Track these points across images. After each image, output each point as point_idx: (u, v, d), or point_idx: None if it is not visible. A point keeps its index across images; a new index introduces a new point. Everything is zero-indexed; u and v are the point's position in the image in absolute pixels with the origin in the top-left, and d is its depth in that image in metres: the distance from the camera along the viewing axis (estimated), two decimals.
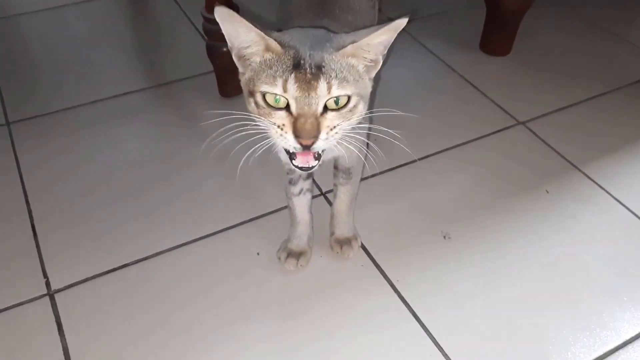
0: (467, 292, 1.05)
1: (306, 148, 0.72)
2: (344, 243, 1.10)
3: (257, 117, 0.75)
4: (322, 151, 0.76)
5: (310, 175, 1.04)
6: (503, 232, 1.16)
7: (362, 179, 1.17)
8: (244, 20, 0.70)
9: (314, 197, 1.10)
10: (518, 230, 1.16)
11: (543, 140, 1.36)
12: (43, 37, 1.69)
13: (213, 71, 1.45)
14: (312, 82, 0.69)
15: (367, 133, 0.96)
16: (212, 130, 1.36)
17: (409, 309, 1.02)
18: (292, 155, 0.76)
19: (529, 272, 1.08)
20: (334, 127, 0.73)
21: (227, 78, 1.43)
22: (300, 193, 1.03)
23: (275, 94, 0.71)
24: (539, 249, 1.12)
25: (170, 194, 1.22)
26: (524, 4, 1.51)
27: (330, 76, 0.70)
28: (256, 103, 0.74)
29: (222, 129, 0.84)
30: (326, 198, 1.21)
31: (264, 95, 0.72)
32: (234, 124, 0.81)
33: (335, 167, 1.03)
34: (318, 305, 1.03)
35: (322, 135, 0.72)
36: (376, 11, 1.08)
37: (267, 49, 0.72)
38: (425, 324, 1.00)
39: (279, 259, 1.08)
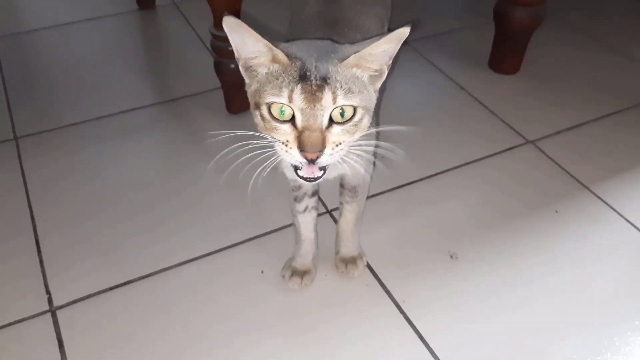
0: (474, 314, 1.03)
1: (311, 162, 0.72)
2: (349, 262, 1.08)
3: (263, 134, 0.74)
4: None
5: (315, 193, 1.03)
6: (511, 253, 1.14)
7: (369, 197, 1.16)
8: (251, 31, 0.70)
9: (319, 214, 1.09)
10: (527, 250, 1.14)
11: (552, 160, 1.34)
12: (52, 53, 1.71)
13: (221, 87, 1.45)
14: (318, 93, 0.69)
15: (374, 151, 0.95)
16: (218, 147, 1.37)
17: (414, 330, 1.00)
18: (297, 166, 0.75)
19: (538, 294, 1.06)
20: (340, 143, 0.72)
21: (234, 95, 1.43)
22: (305, 210, 1.02)
23: (282, 104, 0.70)
24: (549, 270, 1.10)
25: (175, 211, 1.22)
26: (533, 23, 1.51)
27: (336, 87, 0.70)
28: (262, 116, 0.73)
29: (229, 149, 0.84)
30: (332, 216, 1.20)
31: (269, 107, 0.72)
32: (240, 143, 0.79)
33: (341, 185, 1.02)
34: (322, 324, 1.01)
35: (327, 150, 0.71)
36: (385, 30, 1.08)
37: (274, 59, 0.72)
38: (431, 345, 0.97)
39: (283, 277, 1.07)
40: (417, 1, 1.97)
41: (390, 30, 0.71)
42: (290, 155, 0.72)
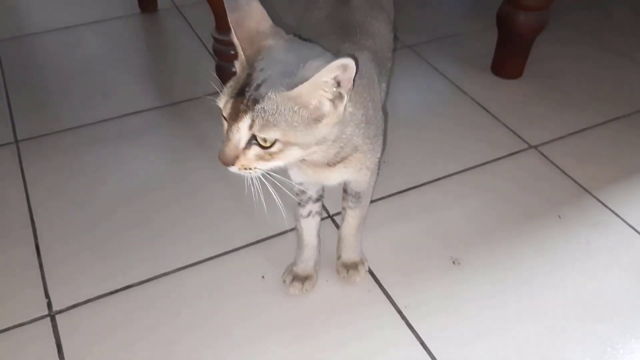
0: (476, 320, 1.02)
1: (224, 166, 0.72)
2: (351, 267, 1.07)
3: None
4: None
5: (320, 199, 1.02)
6: (514, 258, 1.13)
7: (371, 202, 1.16)
8: (231, 23, 0.71)
9: (321, 219, 1.08)
10: (529, 256, 1.13)
11: (555, 165, 1.33)
12: (54, 56, 1.71)
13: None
14: (241, 114, 0.68)
15: (378, 160, 0.95)
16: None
17: (415, 336, 0.99)
18: None
19: (541, 300, 1.05)
20: (249, 168, 0.72)
21: None
22: (309, 215, 1.02)
23: (219, 107, 0.71)
24: (552, 276, 1.09)
25: (175, 215, 1.21)
26: (536, 27, 1.50)
27: (257, 115, 0.67)
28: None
29: None
30: (333, 220, 1.20)
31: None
32: None
33: (345, 191, 1.02)
34: (323, 330, 1.00)
35: (234, 168, 0.72)
36: (392, 36, 1.07)
37: (240, 60, 0.73)
38: (433, 352, 0.97)
39: (284, 282, 1.06)
40: (421, 4, 1.97)
41: (395, 38, 0.70)
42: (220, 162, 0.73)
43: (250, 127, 0.68)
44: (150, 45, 1.81)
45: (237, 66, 0.74)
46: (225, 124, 0.71)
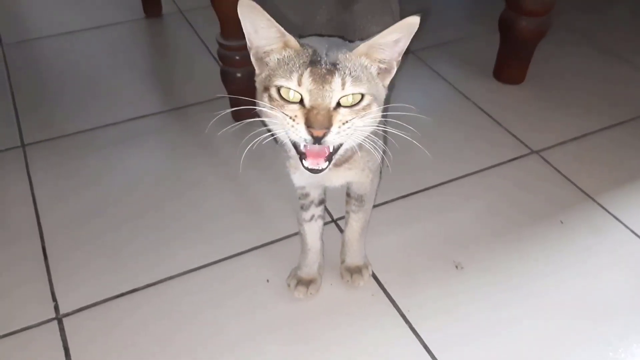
0: (479, 324, 1.03)
1: (317, 141, 0.71)
2: (355, 271, 1.08)
3: (269, 113, 0.73)
4: (334, 153, 0.75)
5: (322, 202, 1.03)
6: (517, 263, 1.14)
7: (374, 206, 1.17)
8: (266, 15, 0.71)
9: (325, 223, 1.10)
10: (532, 260, 1.14)
11: (557, 170, 1.34)
12: (60, 60, 1.72)
13: (227, 96, 1.46)
14: (327, 76, 0.70)
15: (380, 162, 0.95)
16: (225, 154, 1.38)
17: (419, 340, 1.00)
18: (302, 156, 0.75)
19: (543, 304, 1.06)
20: (347, 121, 0.72)
21: (240, 103, 1.43)
22: (311, 219, 1.03)
23: (290, 89, 0.71)
24: (554, 281, 1.10)
25: (181, 219, 1.22)
26: (538, 32, 1.51)
27: (345, 73, 0.71)
28: (270, 97, 0.73)
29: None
30: (337, 225, 1.21)
31: (279, 89, 0.72)
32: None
33: (348, 195, 1.03)
34: (327, 334, 1.01)
35: (334, 129, 0.71)
36: None
37: (286, 45, 0.74)
38: (436, 355, 0.98)
39: (289, 286, 1.07)
40: (423, 9, 1.98)
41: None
42: (296, 130, 0.71)
43: (343, 85, 0.71)
44: (154, 50, 1.82)
45: (275, 57, 0.74)
46: (307, 92, 0.70)
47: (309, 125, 0.70)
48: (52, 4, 2.00)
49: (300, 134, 0.71)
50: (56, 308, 1.05)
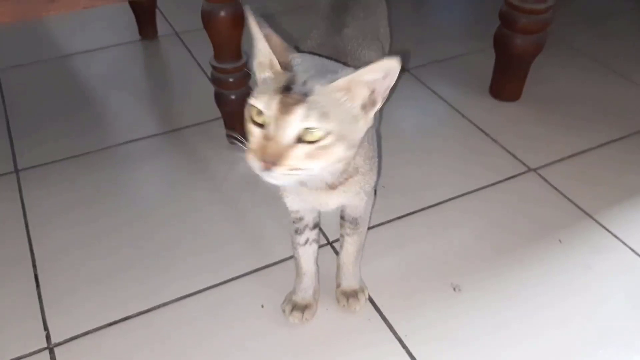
0: (478, 347, 1.01)
1: (265, 171, 0.69)
2: (351, 295, 1.07)
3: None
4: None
5: (316, 225, 1.02)
6: (515, 284, 1.12)
7: (369, 228, 1.15)
8: (261, 34, 0.72)
9: (320, 246, 1.08)
10: (531, 281, 1.12)
11: (555, 188, 1.33)
12: (55, 84, 1.72)
13: (221, 118, 1.45)
14: (293, 107, 0.68)
15: (375, 183, 0.94)
16: (220, 177, 1.37)
17: None
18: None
19: (543, 325, 1.04)
20: (297, 169, 0.70)
21: (235, 125, 1.43)
22: (306, 243, 1.01)
23: (258, 108, 0.70)
24: (553, 301, 1.09)
25: (175, 243, 1.21)
26: (533, 49, 1.51)
27: (312, 106, 0.68)
28: (246, 116, 0.73)
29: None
30: (333, 247, 1.19)
31: (250, 109, 0.72)
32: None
33: (342, 217, 1.02)
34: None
35: (282, 169, 0.69)
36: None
37: (271, 66, 0.73)
38: None
39: (284, 311, 1.06)
40: (417, 28, 1.99)
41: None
42: (252, 161, 0.70)
43: (305, 117, 0.68)
44: (150, 72, 1.82)
45: (265, 74, 0.74)
46: (272, 119, 0.69)
47: (260, 156, 0.69)
48: (46, 28, 2.01)
49: (253, 164, 0.70)
50: (48, 337, 1.03)
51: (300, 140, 0.69)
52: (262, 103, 0.69)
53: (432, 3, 2.25)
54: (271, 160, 0.68)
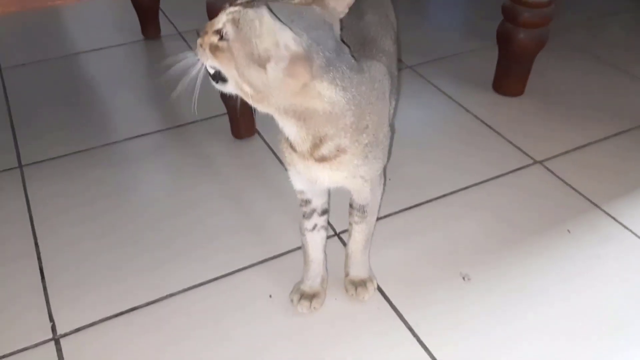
0: (487, 335, 1.00)
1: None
2: (359, 285, 1.06)
3: None
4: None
5: (325, 212, 1.01)
6: (525, 273, 1.11)
7: (378, 219, 1.15)
8: None
9: (328, 237, 1.07)
10: (540, 270, 1.12)
11: (561, 179, 1.33)
12: (60, 82, 1.72)
13: (225, 113, 1.45)
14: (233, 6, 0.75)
15: (384, 170, 0.94)
16: (225, 170, 1.37)
17: (428, 354, 0.97)
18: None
19: (552, 315, 1.04)
20: (202, 46, 0.79)
21: (239, 120, 1.43)
22: (314, 229, 1.00)
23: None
24: (563, 290, 1.08)
25: (181, 235, 1.20)
26: (536, 44, 1.51)
27: (235, 14, 0.73)
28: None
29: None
30: (340, 238, 1.18)
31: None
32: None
33: (351, 205, 1.01)
34: (333, 349, 0.98)
35: (198, 41, 0.79)
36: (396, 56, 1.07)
37: None
38: None
39: (292, 301, 1.05)
40: (419, 26, 1.99)
41: (400, 61, 0.70)
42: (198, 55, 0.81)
43: (228, 15, 0.74)
44: (153, 70, 1.82)
45: None
46: None
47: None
48: (50, 28, 2.01)
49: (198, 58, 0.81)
50: (53, 328, 1.02)
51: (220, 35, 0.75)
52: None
53: (433, 1, 2.26)
54: (200, 33, 0.78)
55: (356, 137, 0.82)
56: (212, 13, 1.23)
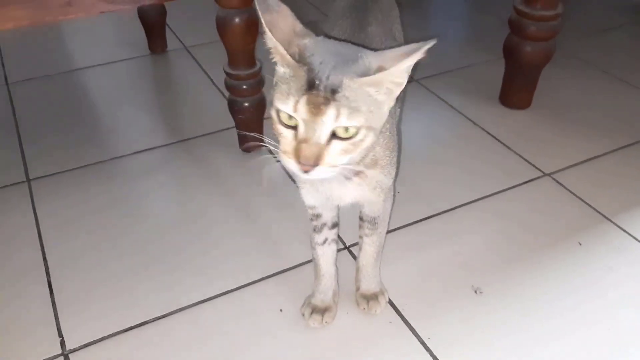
0: (501, 348, 0.99)
1: (304, 173, 0.69)
2: (371, 298, 1.05)
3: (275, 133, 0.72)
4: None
5: (335, 225, 1.00)
6: (537, 286, 1.10)
7: (388, 232, 1.14)
8: (263, 18, 0.68)
9: (338, 250, 1.07)
10: (552, 283, 1.11)
11: (571, 192, 1.32)
12: (67, 97, 1.72)
13: (233, 127, 1.45)
14: (323, 107, 0.66)
15: (392, 182, 0.93)
16: (233, 184, 1.36)
17: None
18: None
19: (566, 327, 1.03)
20: (335, 165, 0.70)
21: (247, 133, 1.43)
22: (324, 242, 1.00)
23: (287, 114, 0.69)
24: (575, 302, 1.07)
25: (190, 249, 1.19)
26: (543, 57, 1.52)
27: (343, 104, 0.66)
28: (272, 116, 0.71)
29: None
30: (351, 252, 1.18)
31: (277, 111, 0.70)
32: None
33: (361, 218, 1.00)
34: None
35: (322, 168, 0.69)
36: None
37: (283, 60, 0.70)
38: None
39: (303, 315, 1.04)
40: (426, 38, 2.00)
41: None
42: (289, 163, 0.70)
43: (337, 117, 0.66)
44: (160, 85, 1.83)
45: (280, 70, 0.71)
46: (302, 121, 0.68)
47: (297, 159, 0.68)
48: (57, 43, 2.03)
49: (290, 166, 0.70)
50: (62, 344, 1.01)
51: (334, 135, 0.68)
52: (289, 106, 0.67)
53: (439, 15, 2.27)
54: (309, 163, 0.68)
55: (388, 145, 0.83)
56: (222, 28, 1.24)
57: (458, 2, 2.36)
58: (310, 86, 0.67)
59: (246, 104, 1.35)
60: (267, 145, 0.75)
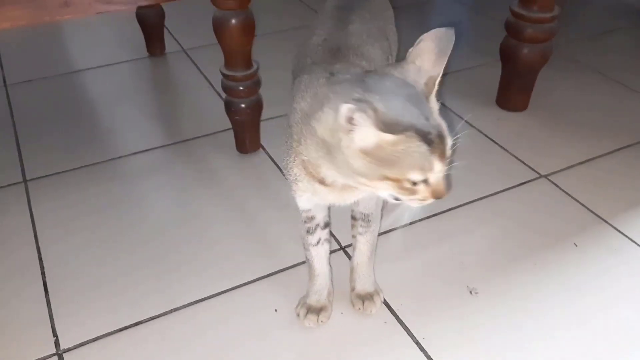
0: (496, 349, 0.99)
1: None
2: (366, 298, 1.05)
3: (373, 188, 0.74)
4: None
5: (327, 225, 1.00)
6: (531, 287, 1.10)
7: (383, 233, 1.15)
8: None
9: (333, 251, 1.07)
10: (547, 284, 1.11)
11: (567, 193, 1.32)
12: (65, 98, 1.72)
13: (230, 128, 1.45)
14: (445, 151, 0.71)
15: None
16: (229, 185, 1.36)
17: None
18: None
19: (560, 328, 1.02)
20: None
21: (244, 134, 1.43)
22: (318, 243, 1.00)
23: (426, 178, 0.71)
24: (570, 304, 1.07)
25: (185, 250, 1.19)
26: (540, 59, 1.52)
27: (448, 130, 0.71)
28: (398, 185, 0.72)
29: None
30: (346, 252, 1.18)
31: (411, 182, 0.71)
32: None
33: (353, 217, 1.01)
34: None
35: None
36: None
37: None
38: None
39: (298, 315, 1.04)
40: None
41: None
42: (424, 204, 0.74)
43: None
44: (158, 87, 1.83)
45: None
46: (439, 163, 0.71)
47: (438, 197, 0.73)
48: (55, 44, 2.03)
49: (426, 204, 0.74)
50: (56, 343, 1.01)
51: None
52: (424, 173, 0.70)
53: (435, 18, 2.28)
54: (443, 196, 0.73)
55: None
56: (219, 29, 1.25)
57: (455, 5, 2.36)
58: (429, 142, 0.69)
59: (243, 105, 1.36)
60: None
